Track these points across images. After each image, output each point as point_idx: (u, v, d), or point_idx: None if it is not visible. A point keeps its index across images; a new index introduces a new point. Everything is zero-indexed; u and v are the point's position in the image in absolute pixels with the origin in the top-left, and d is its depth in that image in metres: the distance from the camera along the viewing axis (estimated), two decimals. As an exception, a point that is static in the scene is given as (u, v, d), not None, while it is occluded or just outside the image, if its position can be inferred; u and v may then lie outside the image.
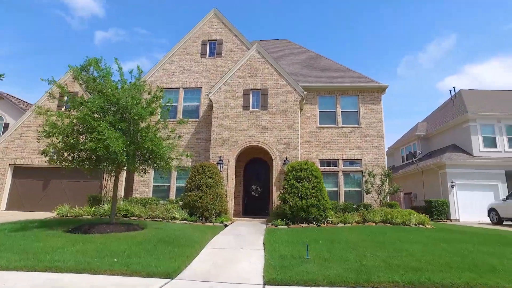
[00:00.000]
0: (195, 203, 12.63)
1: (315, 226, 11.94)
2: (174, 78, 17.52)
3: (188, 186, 13.20)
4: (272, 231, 10.56)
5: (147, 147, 9.51)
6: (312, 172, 12.76)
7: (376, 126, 16.73)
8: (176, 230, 10.13)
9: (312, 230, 10.72)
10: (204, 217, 12.67)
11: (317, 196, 12.29)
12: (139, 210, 13.29)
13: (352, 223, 12.70)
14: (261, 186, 16.44)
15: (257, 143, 15.03)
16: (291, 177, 12.75)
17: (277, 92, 15.60)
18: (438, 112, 26.40)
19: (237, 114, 15.47)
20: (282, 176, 14.53)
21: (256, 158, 16.71)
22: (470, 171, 19.60)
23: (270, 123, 15.22)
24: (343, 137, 16.62)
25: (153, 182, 16.30)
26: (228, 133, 15.26)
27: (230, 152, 15.01)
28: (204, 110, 16.88)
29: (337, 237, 9.21)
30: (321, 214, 12.20)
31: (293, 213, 12.22)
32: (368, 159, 16.33)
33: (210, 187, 12.99)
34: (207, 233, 9.83)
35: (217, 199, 12.99)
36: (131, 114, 9.49)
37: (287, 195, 12.43)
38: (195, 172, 13.41)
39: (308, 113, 16.96)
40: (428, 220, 13.25)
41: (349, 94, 17.18)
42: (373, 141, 16.55)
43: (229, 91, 15.80)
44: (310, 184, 12.48)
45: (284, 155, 14.78)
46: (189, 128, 16.66)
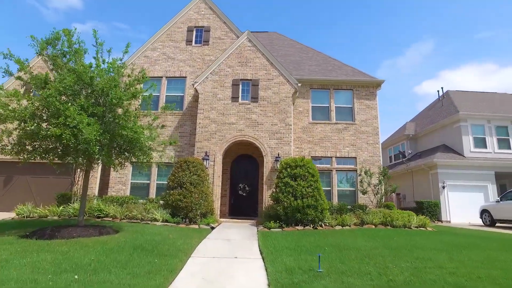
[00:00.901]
0: (178, 202, 11.14)
1: (311, 229, 10.71)
2: (157, 66, 15.90)
3: (171, 184, 11.68)
4: (266, 235, 9.23)
5: (126, 134, 7.97)
6: (308, 170, 11.52)
7: (371, 122, 15.71)
8: (156, 234, 8.64)
9: (311, 234, 9.47)
10: (188, 219, 11.20)
11: (314, 196, 11.05)
12: (114, 210, 11.66)
13: (350, 225, 11.55)
14: (249, 184, 15.09)
15: (247, 137, 13.68)
16: (285, 174, 11.46)
17: (268, 83, 14.30)
18: (426, 113, 25.85)
19: (225, 106, 14.05)
20: (273, 174, 13.24)
21: (244, 155, 15.35)
22: (460, 172, 18.95)
23: (261, 117, 13.90)
24: (336, 134, 15.50)
25: (131, 179, 14.65)
26: (215, 127, 13.83)
27: (217, 147, 13.59)
28: (189, 101, 15.36)
29: (343, 242, 7.98)
30: (318, 215, 10.98)
31: (287, 215, 10.94)
32: (363, 157, 15.28)
33: (195, 185, 11.53)
34: (192, 238, 8.39)
35: (203, 198, 11.55)
36: (108, 97, 7.92)
37: (281, 195, 11.14)
38: (178, 168, 11.91)
39: (300, 107, 15.75)
40: (429, 222, 12.30)
41: (344, 89, 16.09)
42: (368, 139, 15.51)
43: (216, 81, 14.36)
44: (307, 183, 11.24)
45: (275, 151, 13.49)
46: (172, 120, 15.11)
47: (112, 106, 8.22)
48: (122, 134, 8.03)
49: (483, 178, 18.98)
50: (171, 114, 15.12)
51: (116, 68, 8.64)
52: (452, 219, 18.23)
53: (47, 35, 8.13)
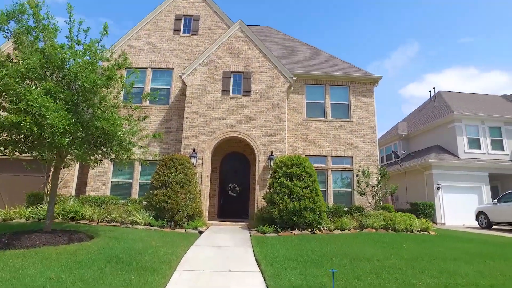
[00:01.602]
0: (163, 204, 9.97)
1: (309, 234, 9.72)
2: (142, 56, 14.64)
3: (155, 183, 10.50)
4: (261, 241, 8.18)
5: (101, 126, 6.78)
6: (305, 169, 10.53)
7: (368, 120, 14.87)
8: (137, 240, 7.47)
9: (310, 240, 8.47)
10: (174, 222, 10.04)
11: (311, 197, 10.07)
12: (91, 212, 10.39)
13: (350, 229, 10.62)
14: (240, 184, 14.01)
15: (238, 134, 12.59)
16: (281, 174, 10.44)
17: (262, 76, 13.26)
18: (418, 113, 25.32)
19: (215, 100, 12.93)
20: (266, 173, 12.20)
21: (234, 153, 14.26)
22: (455, 173, 18.36)
23: (254, 112, 12.84)
24: (332, 132, 14.59)
25: (112, 177, 13.35)
26: (204, 122, 12.69)
27: (205, 144, 12.46)
28: (176, 94, 14.16)
29: (349, 250, 7.00)
30: (316, 219, 10.00)
31: (283, 218, 9.92)
32: (359, 157, 14.41)
33: (182, 185, 10.39)
34: (178, 245, 7.26)
35: (190, 199, 10.41)
36: (80, 81, 6.70)
37: (276, 196, 10.12)
38: (163, 166, 10.73)
39: (294, 103, 14.77)
40: (431, 226, 11.50)
41: (339, 85, 15.20)
42: (365, 137, 14.66)
43: (206, 73, 13.23)
44: (304, 183, 10.24)
45: (269, 149, 12.46)
46: (157, 114, 13.88)
47: (86, 94, 7.00)
48: (97, 126, 6.83)
49: (477, 180, 18.45)
50: (156, 108, 13.90)
51: (93, 51, 7.42)
52: (447, 221, 17.61)
53: (7, 6, 6.84)
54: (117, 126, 6.93)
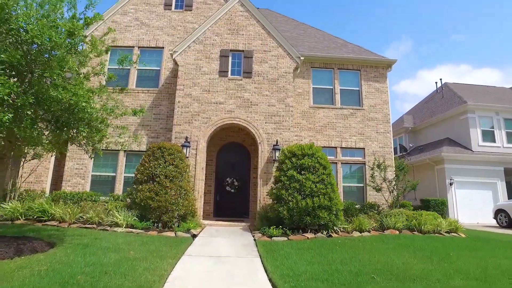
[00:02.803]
0: (149, 201, 8.13)
1: (324, 237, 7.98)
2: (128, 34, 12.68)
3: (139, 177, 8.65)
4: (270, 249, 6.40)
5: (59, 97, 4.91)
6: (319, 160, 8.77)
7: (381, 108, 13.15)
8: (110, 249, 5.64)
9: (331, 246, 6.71)
10: (162, 223, 8.21)
11: (327, 193, 8.32)
12: (62, 211, 8.49)
13: (370, 230, 8.91)
14: (239, 179, 12.19)
15: (238, 120, 10.77)
16: (290, 166, 8.67)
17: (265, 55, 11.43)
18: (424, 105, 23.73)
19: (211, 82, 11.08)
20: (270, 166, 10.42)
21: (232, 143, 12.44)
22: (468, 167, 16.79)
23: (256, 95, 11.02)
24: (342, 120, 12.84)
25: (92, 171, 11.44)
26: (198, 106, 10.84)
27: (200, 132, 10.61)
28: (167, 76, 12.26)
29: (390, 263, 5.26)
30: (332, 219, 8.25)
31: (293, 218, 8.16)
32: (372, 148, 12.70)
33: (172, 179, 8.55)
34: (165, 256, 5.44)
35: (182, 195, 8.59)
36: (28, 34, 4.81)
37: (284, 192, 8.34)
38: (149, 156, 8.88)
39: (300, 88, 12.97)
40: (461, 227, 9.84)
41: (349, 69, 13.43)
42: (378, 127, 12.95)
43: (201, 51, 11.35)
44: (317, 177, 8.48)
45: (273, 138, 10.66)
46: (144, 99, 11.98)
47: (41, 54, 5.12)
48: (54, 97, 4.95)
49: (492, 175, 16.89)
50: (143, 92, 12.00)
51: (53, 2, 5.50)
52: (460, 219, 15.94)
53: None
54: (82, 97, 5.05)
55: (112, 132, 7.49)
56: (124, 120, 11.61)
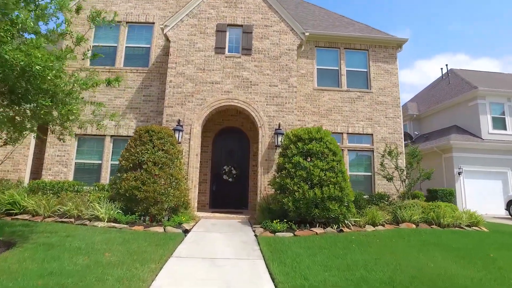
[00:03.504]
0: (135, 191, 7.01)
1: (335, 231, 6.94)
2: (114, 7, 11.35)
3: (124, 164, 7.51)
4: (275, 248, 5.33)
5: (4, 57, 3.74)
6: (328, 145, 7.67)
7: (390, 91, 12.03)
8: (82, 251, 4.54)
9: (346, 243, 5.67)
10: (150, 216, 7.11)
11: (337, 182, 7.24)
12: (36, 203, 7.37)
13: (384, 224, 7.89)
14: (237, 167, 11.08)
15: (236, 102, 9.61)
16: (295, 151, 7.56)
17: (266, 31, 10.21)
18: (428, 92, 22.64)
19: (206, 60, 9.87)
20: (272, 152, 9.32)
21: (230, 128, 11.29)
22: (477, 156, 15.79)
23: (256, 75, 9.84)
24: (348, 104, 11.71)
25: (75, 158, 10.27)
26: (192, 86, 9.65)
27: (194, 115, 9.45)
28: (158, 55, 11.02)
29: (423, 267, 4.23)
30: (343, 211, 7.20)
31: (299, 210, 7.09)
32: (381, 134, 11.62)
33: (161, 166, 7.43)
34: (148, 259, 4.36)
35: (172, 185, 7.47)
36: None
37: (289, 181, 7.25)
38: (136, 141, 7.73)
39: (303, 69, 11.79)
40: (482, 220, 8.85)
41: (357, 49, 12.24)
42: (387, 111, 11.85)
43: (195, 26, 10.11)
44: (326, 164, 7.39)
45: (275, 121, 9.53)
46: (133, 79, 10.75)
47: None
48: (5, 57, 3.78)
49: (502, 164, 15.91)
50: (132, 71, 10.76)
51: None
52: (469, 210, 15.12)
53: None
54: (36, 59, 3.86)
55: (89, 110, 6.30)
56: (110, 102, 10.45)
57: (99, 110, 5.49)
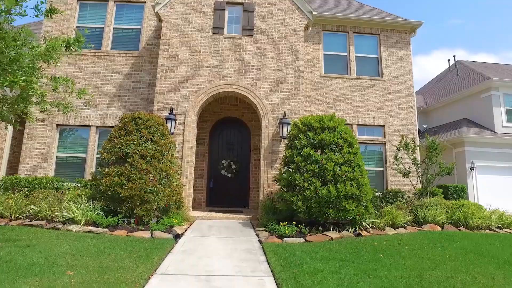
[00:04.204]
0: (118, 189, 5.89)
1: (352, 235, 5.87)
2: (101, -15, 10.16)
3: (106, 157, 6.38)
4: (285, 258, 4.25)
5: None
6: (342, 135, 6.56)
7: (404, 79, 10.93)
8: (36, 268, 3.43)
9: (371, 253, 4.59)
10: (136, 218, 6.00)
11: (355, 178, 6.16)
12: (2, 203, 6.25)
13: (406, 226, 6.82)
14: (237, 161, 9.98)
15: (236, 88, 8.47)
16: (305, 143, 6.45)
17: (269, 9, 9.05)
18: (435, 85, 21.56)
19: (202, 41, 8.72)
20: (277, 144, 8.21)
21: (229, 118, 10.16)
22: (491, 151, 14.74)
23: (258, 58, 8.70)
24: (358, 93, 10.61)
25: (57, 151, 9.13)
26: (187, 71, 8.51)
27: (188, 102, 8.32)
28: (149, 37, 9.85)
29: (483, 285, 3.16)
30: (361, 212, 6.12)
31: (310, 210, 6.01)
32: (393, 126, 10.55)
33: (150, 159, 6.30)
34: (124, 279, 3.25)
35: (163, 181, 6.35)
36: None
37: (298, 176, 6.15)
38: (120, 130, 6.59)
39: (309, 55, 10.66)
40: (514, 220, 7.80)
41: (367, 33, 11.11)
42: (400, 101, 10.77)
43: (190, 3, 8.93)
44: (342, 157, 6.29)
45: (280, 110, 8.41)
46: (121, 64, 9.58)
47: None
48: None
49: (515, 158, 14.90)
50: (120, 55, 9.59)
51: None
52: (482, 207, 14.11)
53: None
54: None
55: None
56: (96, 89, 9.31)
57: (67, 88, 4.35)
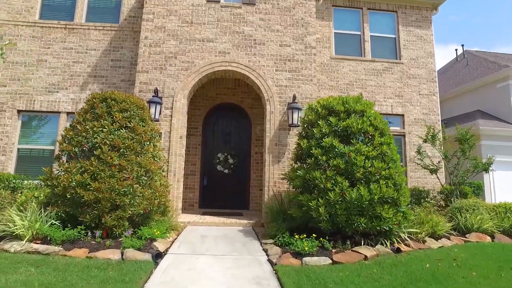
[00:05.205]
0: (80, 191, 4.33)
1: (389, 251, 4.40)
2: None
3: (65, 148, 4.79)
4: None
5: None
6: (372, 122, 5.06)
7: (424, 62, 9.48)
8: None
9: (436, 285, 3.12)
10: (105, 229, 4.45)
11: (391, 176, 4.68)
12: None
13: (449, 237, 5.38)
14: (235, 155, 8.44)
15: (235, 66, 6.91)
16: (327, 131, 4.93)
17: (275, -26, 7.48)
18: (442, 75, 20.15)
19: (195, 10, 7.12)
20: (284, 134, 6.69)
21: (226, 105, 8.59)
22: (507, 145, 13.46)
23: (262, 31, 7.14)
24: (373, 77, 9.13)
25: (18, 143, 7.49)
26: (176, 45, 6.91)
27: (177, 83, 6.73)
28: (131, 7, 8.19)
29: None
30: (399, 220, 4.65)
31: (335, 219, 4.52)
32: (413, 115, 9.11)
33: (124, 152, 4.73)
34: None
35: (142, 180, 4.80)
36: None
37: (318, 174, 4.64)
38: (86, 114, 5.01)
39: (318, 33, 9.11)
40: None
41: (383, 10, 9.60)
42: (421, 87, 9.32)
43: (179, -35, 7.31)
44: (373, 149, 4.80)
45: (288, 93, 6.88)
46: (98, 39, 7.93)
47: None
48: None
49: (534, 153, 13.62)
50: (96, 29, 7.94)
51: None
52: (499, 206, 12.82)
53: None
54: None
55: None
56: (67, 68, 7.68)
57: None
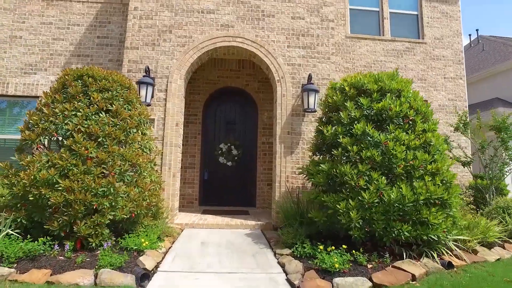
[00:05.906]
0: (45, 191, 3.34)
1: (440, 267, 3.41)
2: None
3: (27, 137, 3.79)
4: None
5: None
6: (412, 104, 4.04)
7: (450, 42, 8.39)
8: None
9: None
10: (79, 239, 3.47)
11: (438, 171, 3.68)
12: None
13: (504, 245, 4.41)
14: (240, 145, 7.43)
15: (240, 42, 5.85)
16: (357, 114, 3.91)
17: None
18: (454, 61, 19.03)
19: (192, -24, 6.03)
20: (298, 120, 5.66)
21: (228, 89, 7.53)
22: (529, 134, 12.41)
23: (271, 1, 6.05)
24: (393, 59, 8.06)
25: (-6, 132, 6.51)
26: (171, 17, 5.84)
27: (173, 62, 5.68)
28: (119, -23, 7.11)
29: None
30: (448, 227, 3.67)
31: (370, 225, 3.54)
32: (437, 101, 8.09)
33: (104, 141, 3.73)
34: None
35: (127, 177, 3.80)
36: None
37: (348, 169, 3.65)
38: (55, 94, 3.99)
39: (332, 9, 8.02)
40: None
41: (404, -18, 8.51)
42: (446, 69, 8.26)
43: None
44: (415, 137, 3.80)
45: (302, 73, 5.83)
46: (82, 13, 6.85)
47: None
48: None
49: (558, 143, 12.57)
50: (80, 1, 6.85)
51: None
52: (520, 200, 11.84)
53: None
54: None
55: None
56: (47, 46, 6.62)
57: None
